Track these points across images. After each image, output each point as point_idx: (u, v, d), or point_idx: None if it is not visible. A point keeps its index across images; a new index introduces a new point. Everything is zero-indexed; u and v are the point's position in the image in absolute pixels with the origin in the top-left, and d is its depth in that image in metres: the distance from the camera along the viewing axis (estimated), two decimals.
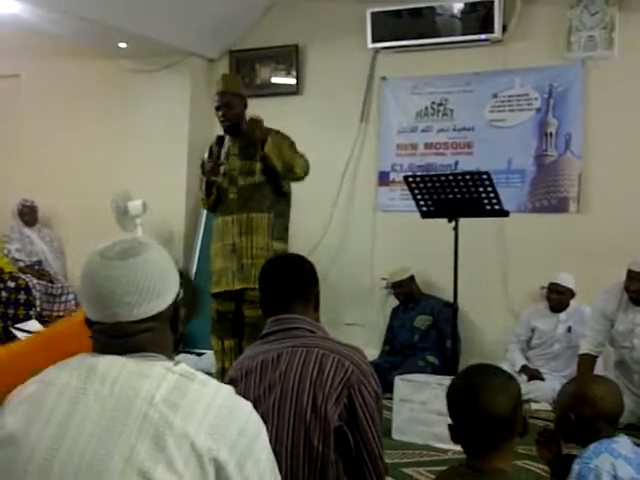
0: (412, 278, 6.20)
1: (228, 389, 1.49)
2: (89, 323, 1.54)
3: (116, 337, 1.49)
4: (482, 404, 1.82)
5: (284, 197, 4.76)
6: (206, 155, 4.74)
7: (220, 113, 4.59)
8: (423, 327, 6.07)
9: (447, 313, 5.70)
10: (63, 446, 1.37)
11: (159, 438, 1.34)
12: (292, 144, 4.69)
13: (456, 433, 1.89)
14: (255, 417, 1.49)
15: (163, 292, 1.53)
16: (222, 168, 4.60)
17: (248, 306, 4.48)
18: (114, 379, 1.42)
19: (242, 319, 4.54)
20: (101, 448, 1.35)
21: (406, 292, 6.19)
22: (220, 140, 4.65)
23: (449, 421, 1.90)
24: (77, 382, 1.43)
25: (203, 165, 4.74)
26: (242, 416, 1.45)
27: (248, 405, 1.49)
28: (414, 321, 6.10)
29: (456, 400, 1.89)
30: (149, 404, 1.38)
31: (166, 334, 1.56)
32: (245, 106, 4.67)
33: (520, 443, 1.95)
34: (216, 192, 4.61)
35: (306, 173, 4.70)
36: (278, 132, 4.72)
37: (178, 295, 1.58)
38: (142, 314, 1.49)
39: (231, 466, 1.38)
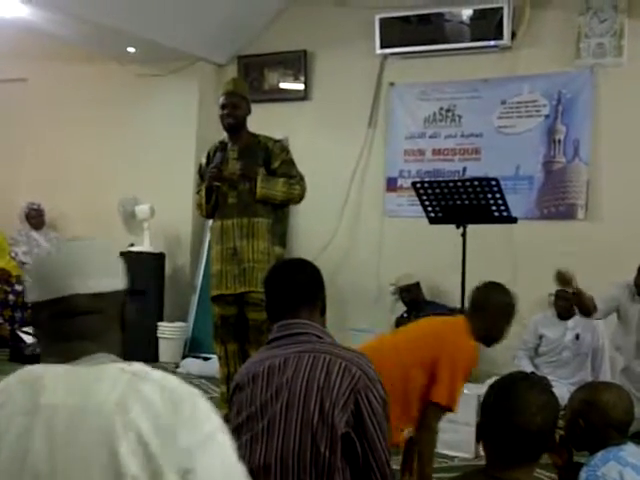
0: (418, 285, 6.19)
1: (186, 391, 1.36)
2: (36, 310, 1.44)
3: (66, 316, 1.40)
4: (522, 419, 1.76)
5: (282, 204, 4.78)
6: (204, 160, 4.74)
7: (225, 111, 4.59)
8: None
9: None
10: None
11: (112, 446, 1.25)
12: (289, 165, 4.64)
13: (484, 435, 1.84)
14: (210, 419, 1.36)
15: (116, 274, 1.48)
16: (223, 168, 4.60)
17: (251, 309, 4.47)
18: (64, 394, 1.30)
19: (245, 323, 4.53)
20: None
21: (413, 297, 6.18)
22: (223, 146, 4.64)
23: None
24: (24, 401, 1.31)
25: (201, 170, 4.74)
26: (193, 416, 1.32)
27: (204, 404, 1.36)
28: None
29: (494, 408, 1.83)
30: (102, 410, 1.27)
31: (115, 327, 1.46)
32: (249, 111, 4.68)
33: None
34: (215, 198, 4.61)
35: (302, 199, 4.73)
36: (280, 144, 4.71)
37: (125, 293, 1.50)
38: (97, 287, 1.42)
39: (175, 470, 1.26)
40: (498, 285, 3.32)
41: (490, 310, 3.21)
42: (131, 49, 6.94)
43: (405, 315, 6.26)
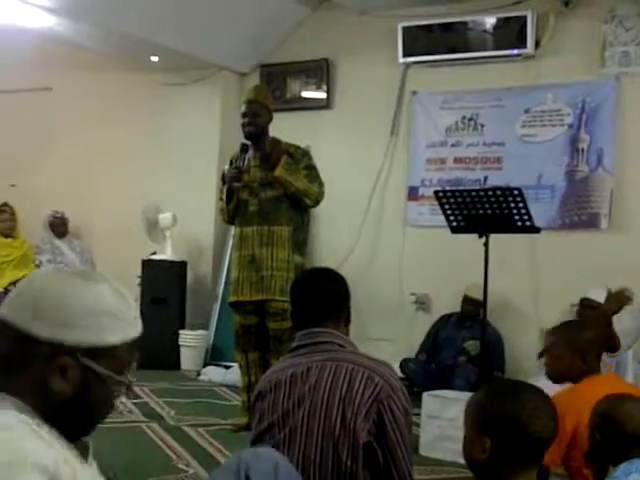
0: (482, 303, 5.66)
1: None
2: None
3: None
4: (532, 428, 1.69)
5: (303, 211, 4.77)
6: (227, 167, 4.76)
7: (246, 120, 4.60)
8: (473, 352, 5.83)
9: (500, 344, 5.83)
10: None
11: None
12: (311, 170, 4.65)
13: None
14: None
15: (48, 317, 1.25)
16: (243, 176, 4.60)
17: (272, 319, 4.48)
18: None
19: (266, 332, 4.53)
20: None
21: (475, 313, 5.80)
22: (244, 147, 4.65)
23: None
24: None
25: (224, 176, 4.76)
26: None
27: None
28: (464, 342, 5.89)
29: (501, 417, 1.74)
30: None
31: (22, 379, 1.25)
32: (270, 120, 4.68)
33: None
34: (236, 199, 4.62)
35: (317, 202, 4.71)
36: (302, 150, 4.71)
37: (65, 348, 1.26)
38: (8, 316, 1.26)
39: None
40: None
41: None
42: (154, 58, 6.99)
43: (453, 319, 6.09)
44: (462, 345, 5.91)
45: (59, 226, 7.47)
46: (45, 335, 1.24)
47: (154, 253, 6.98)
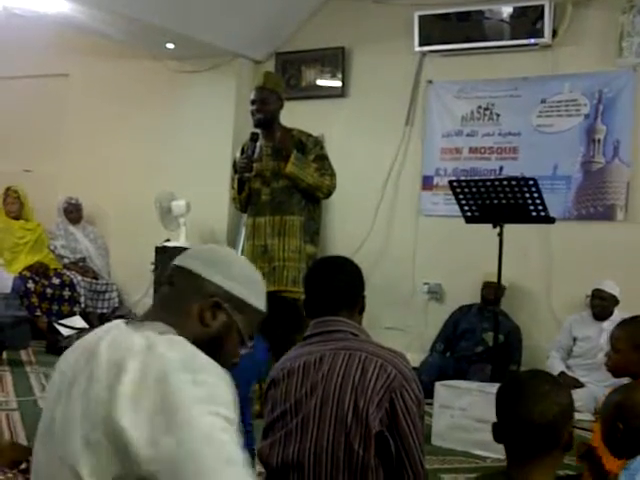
0: (504, 288, 5.60)
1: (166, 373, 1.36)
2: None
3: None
4: (524, 409, 1.75)
5: (315, 201, 4.75)
6: (238, 155, 4.75)
7: (255, 107, 4.59)
8: (492, 343, 5.55)
9: (519, 338, 5.78)
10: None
11: (89, 413, 1.34)
12: (322, 160, 4.62)
13: (498, 434, 1.83)
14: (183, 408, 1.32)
15: (216, 268, 1.58)
16: (255, 165, 4.59)
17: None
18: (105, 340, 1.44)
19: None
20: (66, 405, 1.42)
21: (495, 296, 5.48)
22: (255, 136, 4.64)
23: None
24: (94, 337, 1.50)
25: (235, 164, 4.75)
26: (167, 389, 1.32)
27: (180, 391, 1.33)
28: (484, 333, 5.77)
29: (501, 402, 1.82)
30: (97, 365, 1.39)
31: (191, 312, 1.53)
32: (281, 107, 4.65)
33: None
34: (247, 189, 4.61)
35: (329, 195, 4.69)
36: (313, 139, 4.69)
37: (222, 292, 1.56)
38: (182, 262, 1.59)
39: (140, 441, 1.28)
40: None
41: None
42: (170, 45, 6.99)
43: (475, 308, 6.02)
44: (482, 336, 5.84)
45: (73, 212, 7.51)
46: (209, 277, 1.55)
47: (167, 240, 7.00)
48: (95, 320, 6.87)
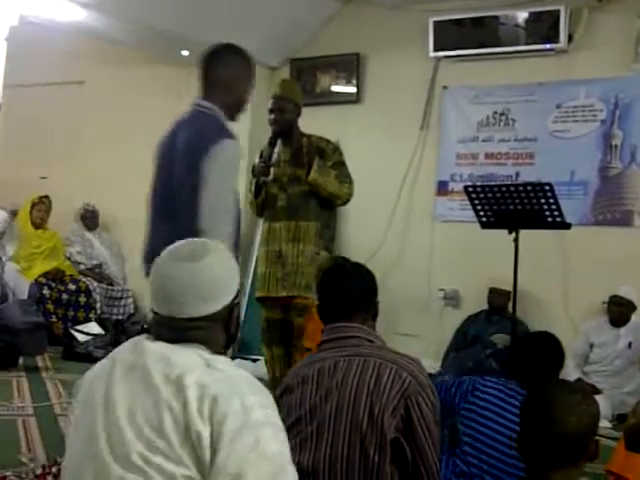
0: (508, 295, 5.68)
1: (246, 379, 1.62)
2: (152, 311, 1.71)
3: (169, 329, 1.67)
4: (556, 420, 1.72)
5: (331, 208, 4.75)
6: (257, 160, 4.75)
7: (272, 117, 4.59)
8: (500, 345, 5.75)
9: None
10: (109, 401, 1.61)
11: (161, 414, 1.52)
12: (340, 167, 4.61)
13: (522, 446, 1.80)
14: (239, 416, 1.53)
15: (218, 296, 1.69)
16: (272, 170, 4.59)
17: (297, 314, 4.47)
18: (151, 356, 1.61)
19: (290, 327, 4.52)
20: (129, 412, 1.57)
21: (501, 304, 5.87)
22: (273, 140, 4.64)
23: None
24: (129, 357, 1.65)
25: (254, 169, 4.75)
26: (223, 411, 1.52)
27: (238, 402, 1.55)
28: (491, 336, 5.81)
29: (528, 413, 1.80)
30: (165, 380, 1.56)
31: (217, 333, 1.71)
32: (299, 114, 4.65)
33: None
34: (264, 193, 4.61)
35: (346, 202, 4.69)
36: (332, 145, 4.69)
37: (236, 297, 1.72)
38: (194, 313, 1.66)
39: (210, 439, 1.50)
40: None
41: None
42: (185, 52, 7.01)
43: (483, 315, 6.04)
44: (489, 339, 5.84)
45: (90, 218, 7.54)
46: (219, 308, 1.69)
47: None
48: (110, 326, 6.89)
